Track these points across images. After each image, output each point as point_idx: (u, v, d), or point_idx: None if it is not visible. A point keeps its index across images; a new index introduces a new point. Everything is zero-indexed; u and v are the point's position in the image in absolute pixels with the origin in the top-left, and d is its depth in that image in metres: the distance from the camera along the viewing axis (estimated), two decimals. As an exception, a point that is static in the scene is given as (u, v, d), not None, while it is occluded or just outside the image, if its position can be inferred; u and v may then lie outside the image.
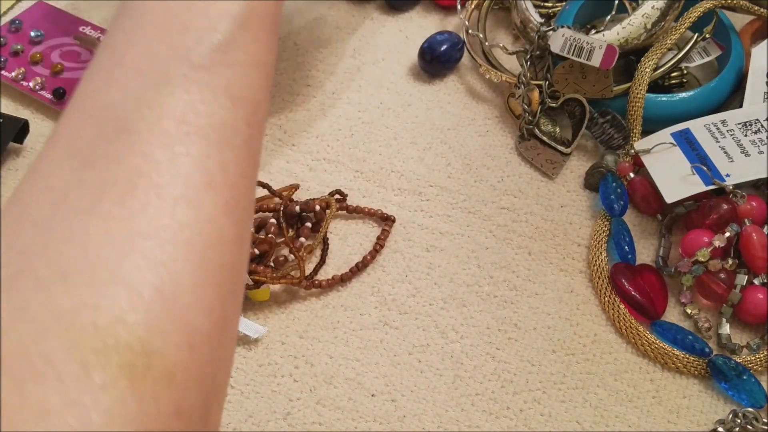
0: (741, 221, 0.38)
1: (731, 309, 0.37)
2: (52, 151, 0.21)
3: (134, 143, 0.20)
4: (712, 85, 0.43)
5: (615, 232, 0.39)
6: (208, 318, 0.19)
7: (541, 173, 0.42)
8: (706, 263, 0.37)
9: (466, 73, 0.47)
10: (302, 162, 0.42)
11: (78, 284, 0.17)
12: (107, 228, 0.18)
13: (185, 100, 0.21)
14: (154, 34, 0.22)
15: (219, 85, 0.22)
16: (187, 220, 0.19)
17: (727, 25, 0.45)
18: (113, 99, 0.21)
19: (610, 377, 0.36)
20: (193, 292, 0.19)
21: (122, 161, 0.19)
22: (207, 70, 0.22)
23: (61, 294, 0.17)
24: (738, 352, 0.36)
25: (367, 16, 0.49)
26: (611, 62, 0.41)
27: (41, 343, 0.16)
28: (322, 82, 0.46)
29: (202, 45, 0.22)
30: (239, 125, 0.22)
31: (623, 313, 0.37)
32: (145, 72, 0.21)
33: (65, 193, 0.19)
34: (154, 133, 0.20)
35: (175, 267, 0.18)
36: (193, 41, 0.22)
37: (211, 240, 0.20)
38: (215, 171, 0.20)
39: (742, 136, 0.40)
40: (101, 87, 0.21)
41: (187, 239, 0.19)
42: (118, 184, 0.19)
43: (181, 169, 0.20)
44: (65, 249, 0.18)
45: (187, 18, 0.22)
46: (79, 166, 0.20)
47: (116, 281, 0.17)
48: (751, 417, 0.34)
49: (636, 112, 0.42)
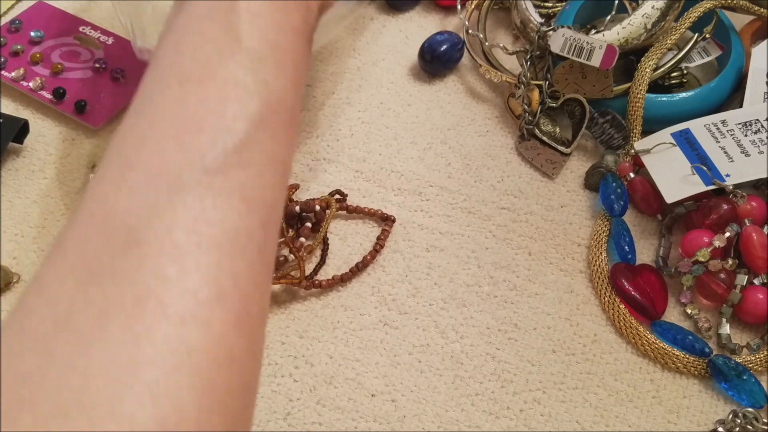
0: (741, 221, 0.38)
1: (731, 309, 0.37)
2: (57, 261, 0.20)
3: (143, 258, 0.19)
4: (712, 85, 0.43)
5: (615, 232, 0.39)
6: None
7: (541, 173, 0.42)
8: (706, 263, 0.37)
9: (466, 73, 0.47)
10: (302, 162, 0.42)
11: (78, 421, 0.17)
12: (111, 356, 0.17)
13: (197, 208, 0.20)
14: (167, 134, 0.21)
15: (233, 188, 0.21)
16: (195, 341, 0.18)
17: (727, 25, 0.45)
18: (123, 206, 0.20)
19: (610, 377, 0.36)
20: (198, 423, 0.18)
21: (130, 278, 0.19)
22: (221, 174, 0.20)
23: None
24: (738, 352, 0.36)
25: (367, 16, 0.49)
26: (611, 62, 0.41)
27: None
28: (322, 82, 0.46)
29: (217, 148, 0.21)
30: (253, 230, 0.21)
31: (623, 313, 0.37)
32: (156, 177, 0.20)
33: (69, 313, 0.18)
34: (164, 247, 0.19)
35: (179, 397, 0.18)
36: (207, 144, 0.21)
37: (220, 361, 0.19)
38: (226, 284, 0.19)
39: (742, 136, 0.40)
40: (111, 192, 0.20)
41: (194, 364, 0.18)
42: (124, 305, 0.18)
43: (190, 285, 0.19)
44: (66, 380, 0.17)
45: (203, 117, 0.21)
46: (85, 280, 0.19)
47: (118, 418, 0.17)
48: (751, 417, 0.34)
49: (636, 112, 0.42)
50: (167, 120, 0.21)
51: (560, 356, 0.36)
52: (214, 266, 0.19)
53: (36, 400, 0.17)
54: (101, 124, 0.42)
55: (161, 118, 0.21)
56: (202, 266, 0.19)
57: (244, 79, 0.22)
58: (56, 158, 0.42)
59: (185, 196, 0.20)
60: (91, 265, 0.19)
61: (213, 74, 0.22)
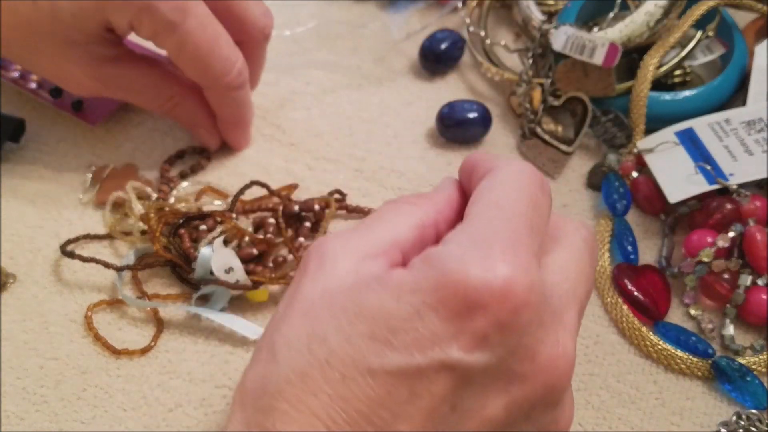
0: (745, 221, 0.37)
1: (735, 310, 0.36)
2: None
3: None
4: (716, 84, 0.42)
5: (618, 232, 0.39)
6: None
7: (543, 172, 0.42)
8: (709, 263, 0.36)
9: (467, 72, 0.47)
10: (301, 161, 0.42)
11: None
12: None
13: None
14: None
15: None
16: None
17: (730, 23, 0.45)
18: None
19: (613, 379, 0.35)
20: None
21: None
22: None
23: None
24: (742, 353, 0.36)
25: (366, 14, 0.49)
26: (614, 60, 0.41)
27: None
28: (321, 81, 0.46)
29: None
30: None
31: (626, 314, 0.37)
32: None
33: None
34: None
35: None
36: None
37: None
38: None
39: (746, 135, 0.40)
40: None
41: None
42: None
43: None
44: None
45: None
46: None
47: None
48: (755, 418, 0.34)
49: (639, 110, 0.41)
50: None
51: (562, 357, 0.36)
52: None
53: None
54: (99, 122, 0.42)
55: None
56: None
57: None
58: (53, 157, 0.41)
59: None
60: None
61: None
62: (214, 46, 0.36)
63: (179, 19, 0.34)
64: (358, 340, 0.21)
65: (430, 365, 0.21)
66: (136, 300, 0.36)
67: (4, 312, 0.36)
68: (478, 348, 0.21)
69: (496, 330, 0.21)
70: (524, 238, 0.23)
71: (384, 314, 0.22)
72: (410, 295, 0.22)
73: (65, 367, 0.34)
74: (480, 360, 0.21)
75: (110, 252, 0.38)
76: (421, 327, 0.21)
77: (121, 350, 0.34)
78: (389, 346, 0.21)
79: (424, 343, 0.21)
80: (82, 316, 0.36)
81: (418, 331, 0.21)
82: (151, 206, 0.37)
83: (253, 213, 0.39)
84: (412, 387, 0.21)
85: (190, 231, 0.37)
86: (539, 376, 0.23)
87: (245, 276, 0.35)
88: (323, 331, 0.22)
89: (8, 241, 0.38)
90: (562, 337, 0.23)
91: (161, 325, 0.35)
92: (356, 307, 0.22)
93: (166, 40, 0.35)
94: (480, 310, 0.21)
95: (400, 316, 0.21)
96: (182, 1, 0.34)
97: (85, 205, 0.40)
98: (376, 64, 0.47)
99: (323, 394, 0.21)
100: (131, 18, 0.34)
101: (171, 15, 0.34)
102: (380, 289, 0.22)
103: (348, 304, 0.22)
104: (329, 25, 0.48)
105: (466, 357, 0.21)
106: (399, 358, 0.21)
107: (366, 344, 0.21)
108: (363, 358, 0.21)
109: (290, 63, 0.46)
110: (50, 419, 0.33)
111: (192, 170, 0.41)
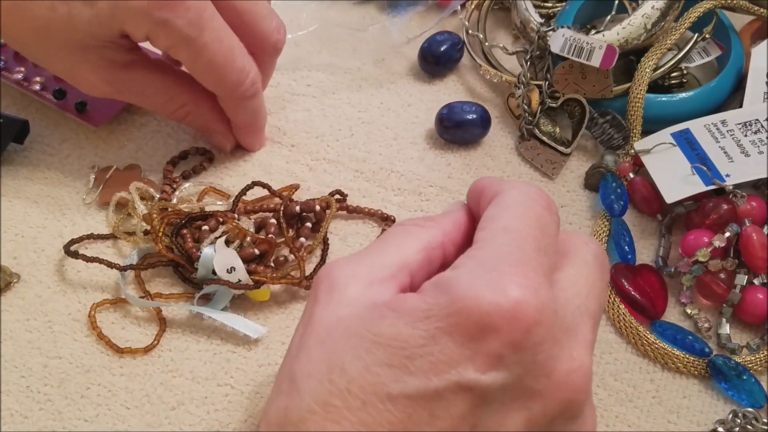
0: (741, 221, 0.38)
1: (731, 309, 0.37)
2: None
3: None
4: (712, 86, 0.43)
5: (615, 232, 0.39)
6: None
7: (541, 173, 0.42)
8: (706, 263, 0.37)
9: (466, 74, 0.47)
10: (302, 162, 0.42)
11: None
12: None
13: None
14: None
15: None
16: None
17: (726, 25, 0.45)
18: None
19: (610, 377, 0.36)
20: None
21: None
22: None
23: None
24: (738, 352, 0.36)
25: (366, 16, 0.49)
26: (611, 62, 0.41)
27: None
28: (322, 82, 0.46)
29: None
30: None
31: (623, 313, 0.37)
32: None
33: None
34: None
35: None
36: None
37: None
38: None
39: (742, 136, 0.40)
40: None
41: None
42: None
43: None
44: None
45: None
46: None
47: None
48: (751, 417, 0.34)
49: (636, 112, 0.42)
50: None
51: (560, 356, 0.36)
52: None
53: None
54: (102, 124, 0.42)
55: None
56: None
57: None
58: (57, 158, 0.42)
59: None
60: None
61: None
62: (229, 58, 0.36)
63: (195, 34, 0.34)
64: (376, 367, 0.22)
65: (447, 387, 0.22)
66: (139, 299, 0.36)
67: (7, 311, 0.36)
68: (494, 368, 0.22)
69: (509, 350, 0.22)
70: (533, 259, 0.24)
71: (400, 341, 0.22)
72: (424, 321, 0.22)
73: (69, 366, 0.34)
74: (496, 379, 0.22)
75: (113, 252, 0.38)
76: (437, 351, 0.22)
77: (124, 349, 0.35)
78: (406, 371, 0.22)
79: (440, 366, 0.22)
80: (85, 316, 0.36)
81: (434, 355, 0.22)
82: (153, 207, 0.38)
83: (255, 213, 0.39)
84: (432, 409, 0.22)
85: (193, 231, 0.37)
86: (556, 391, 0.23)
87: (247, 276, 0.35)
88: (341, 361, 0.23)
89: (12, 241, 0.38)
90: (576, 351, 0.24)
91: (164, 325, 0.36)
92: (372, 335, 0.23)
93: (182, 52, 0.35)
94: (493, 332, 0.22)
95: (416, 343, 0.22)
96: (198, 15, 0.34)
97: (89, 205, 0.40)
98: (376, 66, 0.47)
99: (346, 421, 0.22)
100: (147, 31, 0.34)
101: (187, 29, 0.34)
102: (394, 316, 0.23)
103: (363, 332, 0.23)
104: (330, 28, 0.48)
105: (483, 377, 0.22)
106: (417, 382, 0.22)
107: (384, 371, 0.22)
108: (382, 384, 0.22)
109: (291, 65, 0.46)
110: (54, 417, 0.33)
111: (194, 171, 0.41)
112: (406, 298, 0.23)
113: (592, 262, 0.27)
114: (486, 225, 0.25)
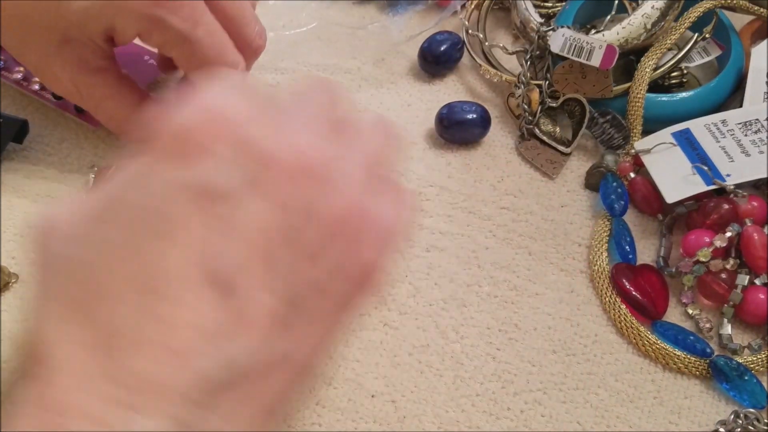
0: (742, 221, 0.38)
1: (732, 309, 0.37)
2: None
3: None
4: (712, 85, 0.43)
5: (616, 232, 0.39)
6: None
7: (542, 173, 0.42)
8: (707, 263, 0.37)
9: (466, 73, 0.47)
10: (302, 162, 0.42)
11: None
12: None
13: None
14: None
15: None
16: None
17: (726, 25, 0.45)
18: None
19: (611, 378, 0.35)
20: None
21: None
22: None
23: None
24: (739, 352, 0.36)
25: (366, 16, 0.49)
26: (611, 62, 0.41)
27: None
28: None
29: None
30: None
31: (624, 314, 0.37)
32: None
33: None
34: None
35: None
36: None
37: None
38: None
39: (743, 136, 0.40)
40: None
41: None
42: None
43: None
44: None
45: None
46: None
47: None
48: (753, 417, 0.34)
49: (636, 111, 0.42)
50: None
51: (561, 357, 0.36)
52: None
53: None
54: (101, 125, 0.42)
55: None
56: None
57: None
58: (56, 158, 0.42)
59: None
60: None
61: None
62: (222, 53, 0.36)
63: (189, 29, 0.34)
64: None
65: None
66: (138, 300, 0.36)
67: (6, 311, 0.36)
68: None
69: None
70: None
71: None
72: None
73: (67, 366, 0.34)
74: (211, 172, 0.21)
75: (112, 252, 0.38)
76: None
77: (123, 349, 0.35)
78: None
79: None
80: (84, 316, 0.36)
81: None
82: (152, 207, 0.38)
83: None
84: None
85: (192, 231, 0.37)
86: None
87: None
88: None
89: (11, 241, 0.38)
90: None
91: (163, 325, 0.36)
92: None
93: (175, 49, 0.35)
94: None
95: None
96: (192, 11, 0.34)
97: (87, 205, 0.40)
98: (376, 66, 0.47)
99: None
100: (140, 29, 0.34)
101: (181, 27, 0.34)
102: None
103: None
104: (329, 27, 0.48)
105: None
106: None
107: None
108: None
109: (290, 64, 0.46)
110: (52, 418, 0.33)
111: (193, 171, 0.41)
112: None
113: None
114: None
